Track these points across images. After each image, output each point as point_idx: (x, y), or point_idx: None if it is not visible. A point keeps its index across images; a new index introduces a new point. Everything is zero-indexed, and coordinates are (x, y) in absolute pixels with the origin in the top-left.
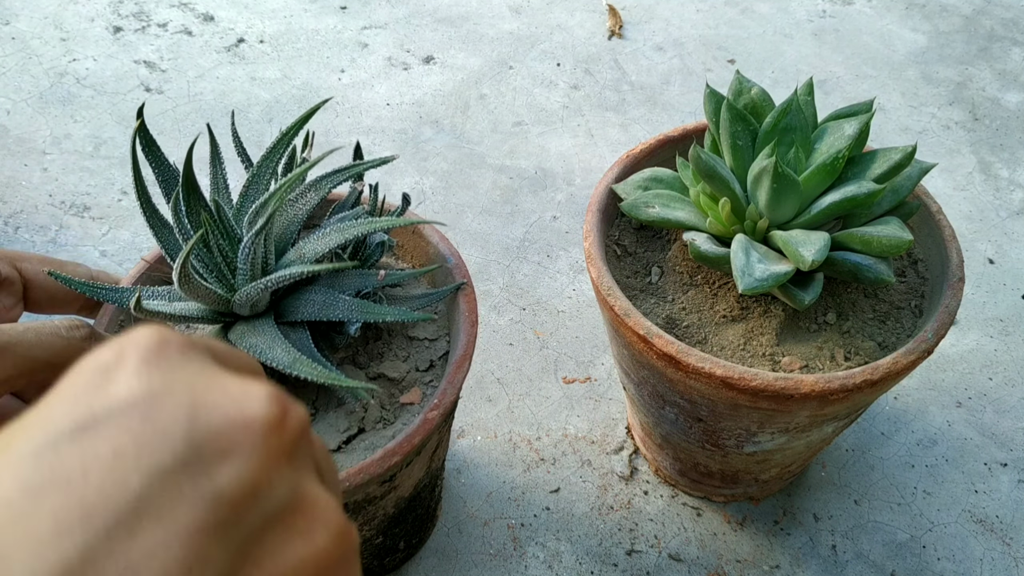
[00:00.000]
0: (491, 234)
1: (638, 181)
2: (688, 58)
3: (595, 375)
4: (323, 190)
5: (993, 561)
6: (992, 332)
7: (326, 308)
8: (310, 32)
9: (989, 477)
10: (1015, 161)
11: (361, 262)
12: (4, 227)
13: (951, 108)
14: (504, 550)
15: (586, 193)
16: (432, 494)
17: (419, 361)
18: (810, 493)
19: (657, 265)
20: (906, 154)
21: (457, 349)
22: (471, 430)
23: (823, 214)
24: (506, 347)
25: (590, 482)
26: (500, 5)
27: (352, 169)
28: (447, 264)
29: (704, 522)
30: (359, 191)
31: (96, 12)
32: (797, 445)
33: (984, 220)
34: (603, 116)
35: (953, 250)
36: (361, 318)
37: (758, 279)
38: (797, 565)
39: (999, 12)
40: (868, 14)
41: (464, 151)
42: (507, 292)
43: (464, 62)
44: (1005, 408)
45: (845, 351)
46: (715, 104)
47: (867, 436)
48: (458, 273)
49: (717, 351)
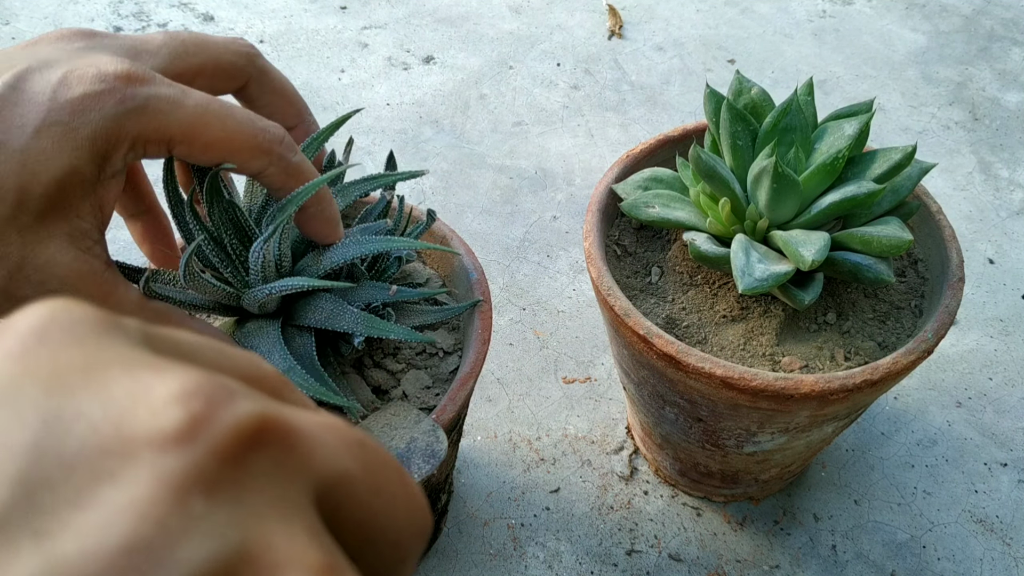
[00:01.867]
0: (491, 234)
1: (638, 181)
2: (688, 58)
3: (595, 375)
4: (349, 197)
5: (993, 561)
6: (992, 332)
7: (332, 318)
8: (310, 32)
9: (989, 477)
10: (1015, 161)
11: (378, 274)
12: None
13: (951, 108)
14: (504, 550)
15: (586, 193)
16: (434, 508)
17: (428, 374)
18: (810, 493)
19: (657, 265)
20: (906, 154)
21: (464, 366)
22: (471, 430)
23: (823, 214)
24: (506, 347)
25: (590, 482)
26: (500, 5)
27: (381, 179)
28: (469, 279)
29: (704, 522)
30: (388, 200)
31: (96, 12)
32: (797, 445)
33: (984, 220)
34: (603, 116)
35: (953, 250)
36: (365, 332)
37: (758, 279)
38: (797, 565)
39: (999, 12)
40: (868, 14)
41: (464, 151)
42: (507, 292)
43: (464, 62)
44: (1005, 408)
45: (845, 351)
46: (715, 104)
47: (867, 436)
48: (478, 288)
49: (717, 351)
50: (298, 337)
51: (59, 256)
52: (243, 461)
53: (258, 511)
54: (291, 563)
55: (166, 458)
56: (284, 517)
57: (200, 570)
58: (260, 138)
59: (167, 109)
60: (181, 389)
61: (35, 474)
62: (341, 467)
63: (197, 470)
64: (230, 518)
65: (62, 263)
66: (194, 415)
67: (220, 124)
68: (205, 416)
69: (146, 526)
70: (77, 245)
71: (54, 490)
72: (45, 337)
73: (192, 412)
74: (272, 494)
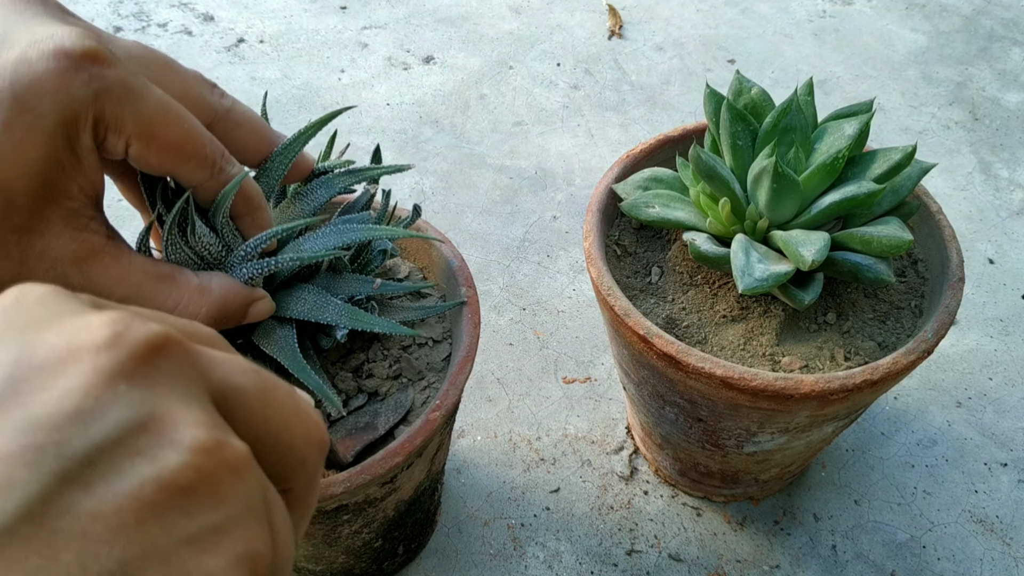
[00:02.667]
0: (491, 234)
1: (638, 181)
2: (688, 58)
3: (595, 375)
4: (333, 189)
5: (993, 561)
6: (992, 332)
7: (316, 309)
8: (310, 32)
9: (989, 477)
10: (1015, 161)
11: (360, 267)
12: None
13: (951, 108)
14: (504, 550)
15: (586, 193)
16: (432, 498)
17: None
18: (810, 493)
19: (657, 265)
20: (906, 154)
21: (459, 351)
22: (471, 430)
23: (823, 214)
24: (506, 347)
25: (590, 482)
26: (500, 5)
27: (367, 172)
28: (451, 266)
29: (704, 522)
30: (371, 194)
31: (96, 12)
32: (797, 445)
33: (984, 220)
34: (603, 116)
35: (953, 250)
36: (349, 325)
37: (758, 279)
38: (797, 565)
39: (999, 12)
40: (868, 14)
41: (464, 151)
42: (507, 292)
43: (464, 62)
44: (1005, 408)
45: (845, 351)
46: (715, 104)
47: (867, 436)
48: (461, 275)
49: (717, 351)
50: (280, 328)
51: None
52: (152, 361)
53: (163, 394)
54: (187, 421)
55: (98, 358)
56: (183, 401)
57: (122, 424)
58: (209, 148)
59: (132, 98)
60: (109, 318)
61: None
62: (235, 382)
63: (120, 365)
64: (143, 396)
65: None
66: (116, 331)
67: (179, 125)
68: (123, 331)
69: (88, 399)
70: (73, 226)
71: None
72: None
73: (115, 329)
74: (175, 386)
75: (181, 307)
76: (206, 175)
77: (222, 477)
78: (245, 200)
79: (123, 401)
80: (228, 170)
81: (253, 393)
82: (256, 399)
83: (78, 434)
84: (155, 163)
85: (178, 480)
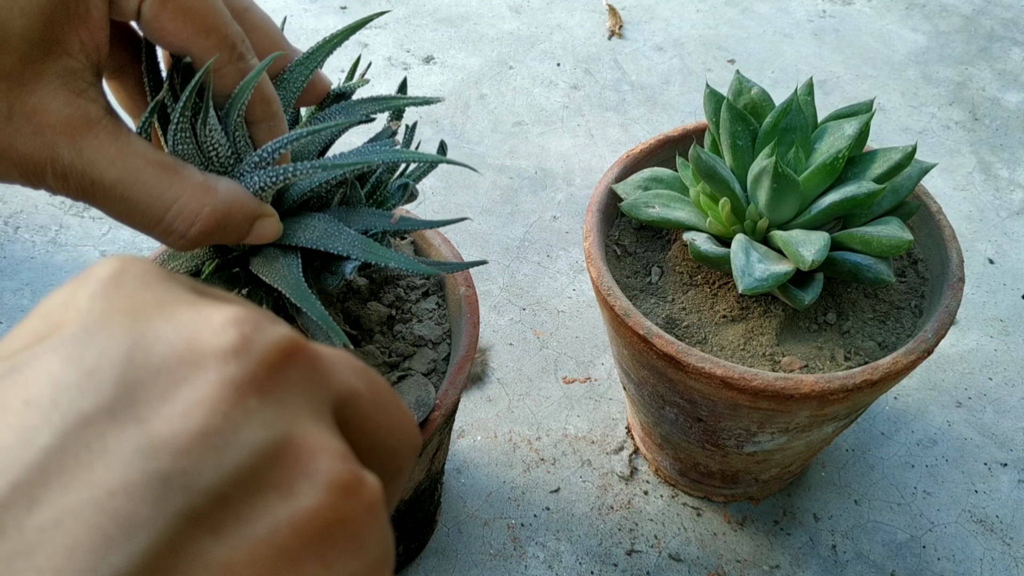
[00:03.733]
0: (491, 234)
1: (638, 181)
2: (688, 58)
3: (595, 375)
4: (354, 115)
5: (993, 561)
6: (992, 332)
7: (327, 237)
8: (310, 32)
9: (989, 477)
10: (1015, 161)
11: (377, 203)
12: (4, 227)
13: (951, 108)
14: (504, 550)
15: (586, 193)
16: (431, 498)
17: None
18: (810, 493)
19: (657, 265)
20: (906, 154)
21: (459, 350)
22: (471, 430)
23: (823, 214)
24: (506, 347)
25: (590, 482)
26: (500, 5)
27: (392, 101)
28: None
29: (704, 522)
30: (394, 130)
31: None
32: (797, 445)
33: (984, 220)
34: (603, 116)
35: (953, 250)
36: (362, 257)
37: (758, 279)
38: (797, 565)
39: (999, 12)
40: (868, 14)
41: (464, 151)
42: (507, 292)
43: (464, 62)
44: (1005, 408)
45: (845, 351)
46: (715, 104)
47: (867, 436)
48: (460, 275)
49: (717, 351)
50: (283, 257)
51: (49, 101)
52: (282, 371)
53: (295, 411)
54: (323, 449)
55: (227, 366)
56: (314, 418)
57: (256, 451)
58: (231, 28)
59: None
60: (233, 316)
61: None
62: (352, 385)
63: (250, 375)
64: (276, 414)
65: (53, 109)
66: (244, 334)
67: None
68: (252, 335)
69: (216, 416)
70: (69, 87)
71: (146, 389)
72: (120, 283)
73: (243, 332)
74: (304, 399)
75: (181, 203)
76: (224, 57)
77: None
78: (263, 102)
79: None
80: (248, 58)
81: (367, 396)
82: (370, 403)
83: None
84: (170, 30)
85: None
